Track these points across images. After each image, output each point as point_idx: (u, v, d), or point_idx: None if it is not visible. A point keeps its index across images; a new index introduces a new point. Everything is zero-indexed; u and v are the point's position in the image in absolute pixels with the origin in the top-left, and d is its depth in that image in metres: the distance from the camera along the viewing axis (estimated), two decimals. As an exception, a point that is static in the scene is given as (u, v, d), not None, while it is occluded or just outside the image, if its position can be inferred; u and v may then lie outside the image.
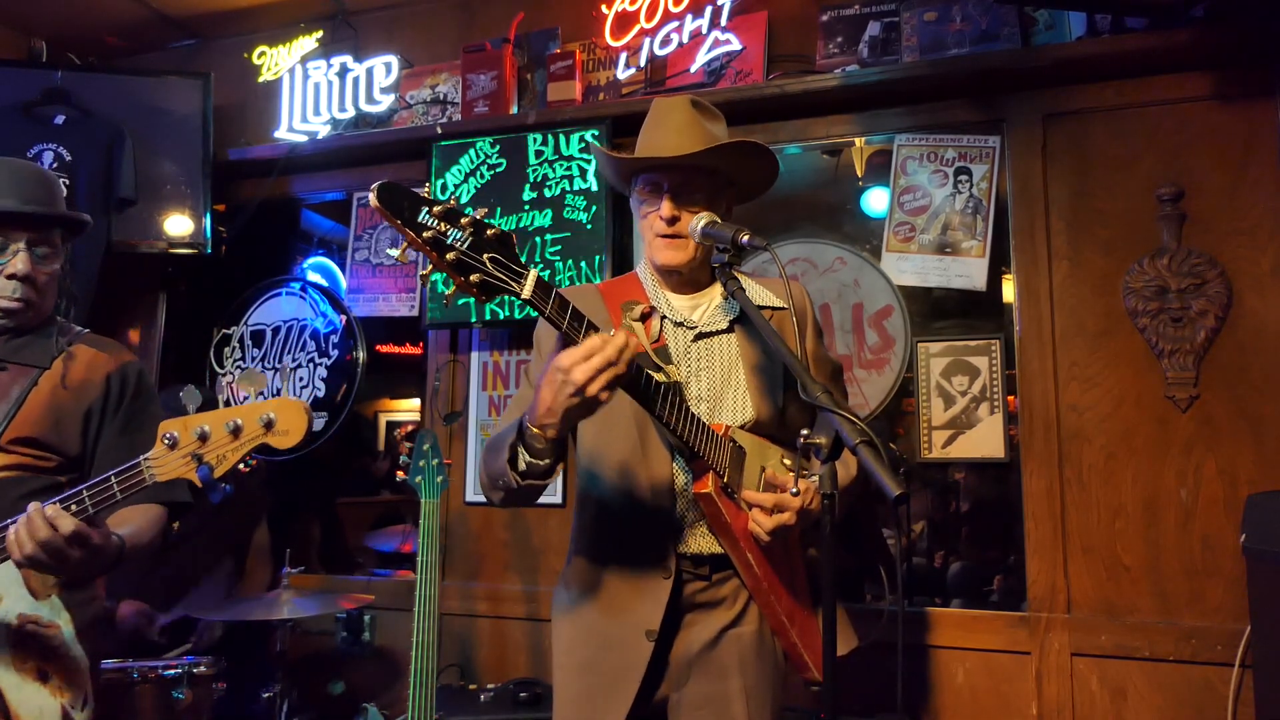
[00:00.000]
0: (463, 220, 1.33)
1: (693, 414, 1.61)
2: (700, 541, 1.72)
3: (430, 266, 1.34)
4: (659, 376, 1.61)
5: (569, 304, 1.45)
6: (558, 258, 3.12)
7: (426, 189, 1.36)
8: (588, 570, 1.79)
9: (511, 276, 1.38)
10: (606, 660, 1.70)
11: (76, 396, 1.87)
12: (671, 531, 1.71)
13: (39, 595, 1.77)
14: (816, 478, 1.63)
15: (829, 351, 2.00)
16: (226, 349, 3.62)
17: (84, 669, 1.81)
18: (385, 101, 3.44)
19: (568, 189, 3.15)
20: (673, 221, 1.74)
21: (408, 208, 1.29)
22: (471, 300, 1.59)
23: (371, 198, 1.26)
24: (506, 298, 1.41)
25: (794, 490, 1.61)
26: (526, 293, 1.39)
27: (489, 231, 1.36)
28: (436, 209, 1.31)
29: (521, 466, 1.53)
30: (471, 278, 1.34)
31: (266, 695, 2.84)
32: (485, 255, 1.35)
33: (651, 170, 1.78)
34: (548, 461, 1.53)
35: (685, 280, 1.83)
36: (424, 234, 1.30)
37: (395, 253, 1.32)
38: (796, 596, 1.75)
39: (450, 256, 1.31)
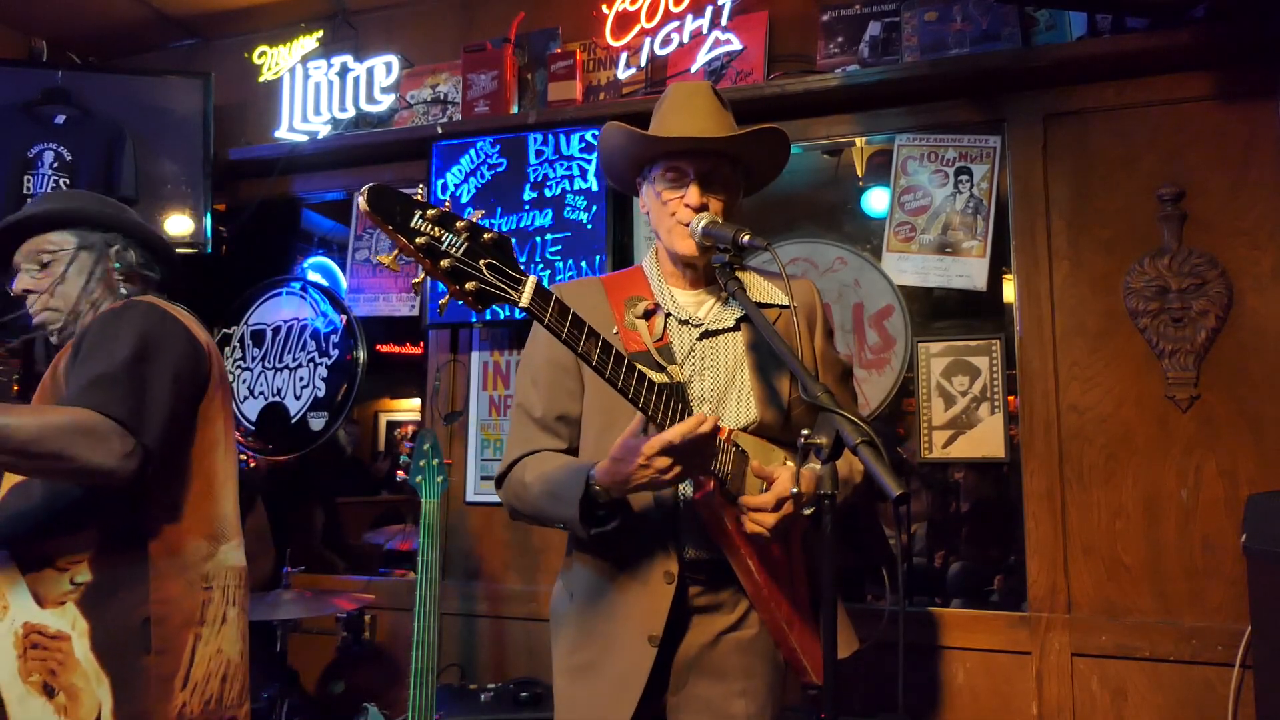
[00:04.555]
0: (458, 225, 1.27)
1: None
2: (702, 545, 1.69)
3: (424, 274, 1.28)
4: (661, 377, 1.57)
5: (569, 310, 1.39)
6: (558, 258, 3.12)
7: (420, 191, 1.30)
8: (588, 573, 1.76)
9: (509, 284, 1.32)
10: (609, 665, 1.68)
11: None
12: (673, 536, 1.68)
13: (46, 603, 1.66)
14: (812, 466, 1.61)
15: (839, 353, 1.96)
16: (226, 348, 3.62)
17: (92, 686, 1.65)
18: (386, 101, 3.44)
19: (568, 189, 3.14)
20: (701, 209, 1.68)
21: (399, 212, 1.23)
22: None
23: (361, 201, 1.20)
24: (506, 294, 1.36)
25: (794, 489, 1.56)
26: (525, 300, 1.33)
27: (485, 236, 1.30)
28: (430, 213, 1.25)
29: (593, 521, 1.60)
30: (467, 285, 1.28)
31: (266, 695, 2.84)
32: (482, 261, 1.29)
33: (676, 155, 1.70)
34: (610, 510, 1.60)
35: (700, 275, 1.79)
36: (417, 240, 1.24)
37: (386, 259, 1.26)
38: (796, 602, 1.73)
39: (445, 264, 1.25)
